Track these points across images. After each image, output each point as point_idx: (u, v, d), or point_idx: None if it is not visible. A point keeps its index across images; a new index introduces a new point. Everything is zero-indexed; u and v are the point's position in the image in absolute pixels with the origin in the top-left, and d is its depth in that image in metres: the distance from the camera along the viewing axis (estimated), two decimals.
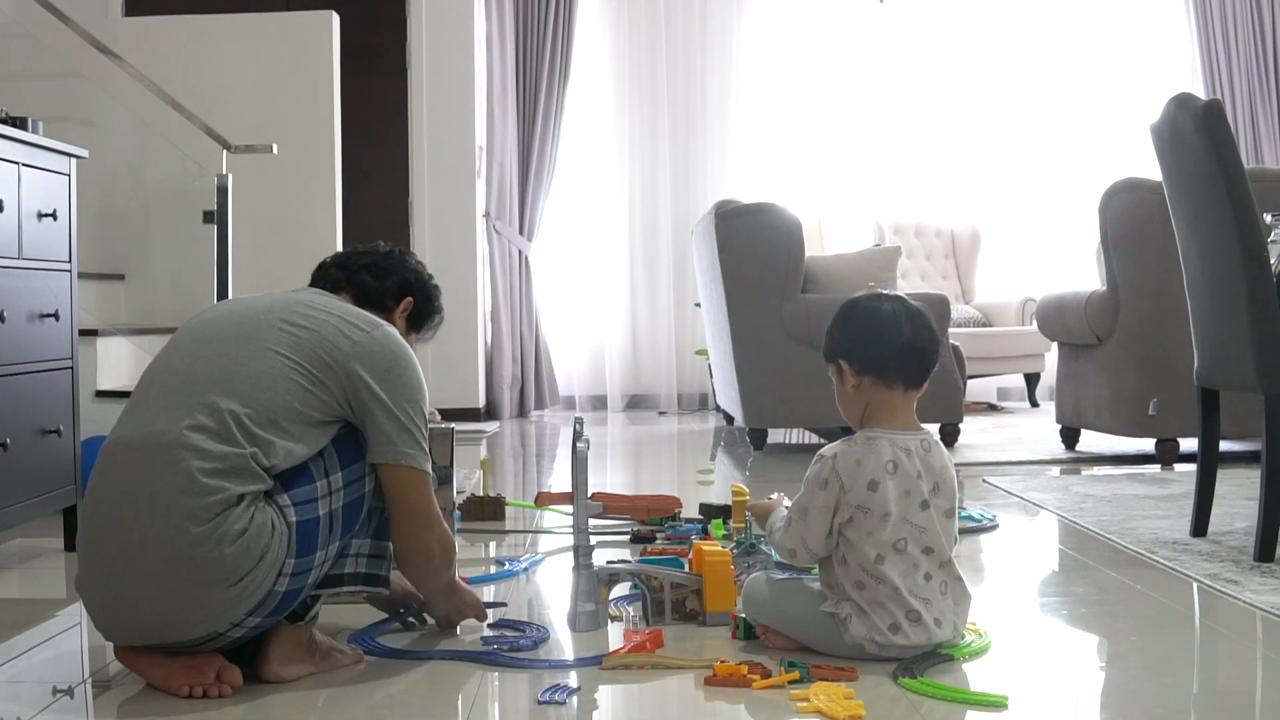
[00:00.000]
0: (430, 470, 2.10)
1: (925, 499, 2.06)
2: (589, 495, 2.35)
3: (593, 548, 2.36)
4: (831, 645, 2.05)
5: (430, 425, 2.58)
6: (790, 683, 1.92)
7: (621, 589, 2.45)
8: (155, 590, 1.86)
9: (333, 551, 1.99)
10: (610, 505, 3.39)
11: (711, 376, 6.90)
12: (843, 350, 2.17)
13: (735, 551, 2.53)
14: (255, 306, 2.10)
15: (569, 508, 3.34)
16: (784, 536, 2.11)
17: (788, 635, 2.11)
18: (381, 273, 2.38)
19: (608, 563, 2.50)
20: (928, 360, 2.13)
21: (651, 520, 3.28)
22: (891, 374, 2.11)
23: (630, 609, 2.42)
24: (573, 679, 2.00)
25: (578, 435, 2.34)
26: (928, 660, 2.02)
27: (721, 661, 1.99)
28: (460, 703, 1.93)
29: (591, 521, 2.51)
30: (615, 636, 2.25)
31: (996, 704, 1.84)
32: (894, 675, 1.95)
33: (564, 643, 2.22)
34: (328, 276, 2.36)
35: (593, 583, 2.30)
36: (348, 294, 2.32)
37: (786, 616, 2.11)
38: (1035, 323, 5.32)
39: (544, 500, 3.60)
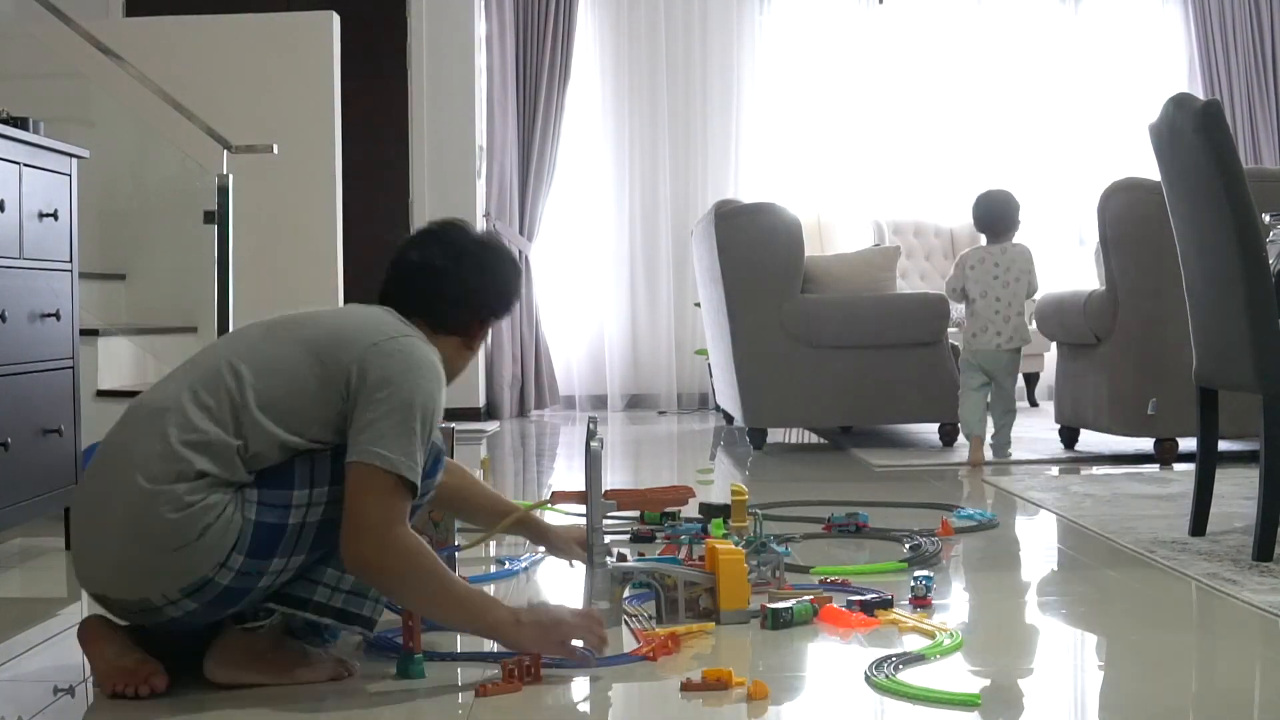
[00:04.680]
0: (403, 476, 1.90)
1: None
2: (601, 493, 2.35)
3: (608, 546, 2.37)
4: None
5: None
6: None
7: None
8: (108, 537, 1.90)
9: (295, 565, 1.93)
10: (624, 502, 3.37)
11: (711, 376, 6.91)
12: None
13: (745, 550, 2.53)
14: (297, 313, 2.11)
15: (579, 506, 3.33)
16: None
17: None
18: (468, 303, 2.20)
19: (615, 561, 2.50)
20: None
21: (650, 519, 3.28)
22: None
23: (642, 608, 2.42)
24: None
25: (591, 434, 2.35)
26: (902, 659, 2.03)
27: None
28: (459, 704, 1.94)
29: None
30: (626, 635, 2.25)
31: (969, 703, 1.84)
32: (865, 674, 1.96)
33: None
34: (397, 298, 2.17)
35: (607, 581, 2.31)
36: (422, 318, 2.15)
37: None
38: (1034, 322, 5.33)
39: (558, 499, 3.59)
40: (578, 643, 2.02)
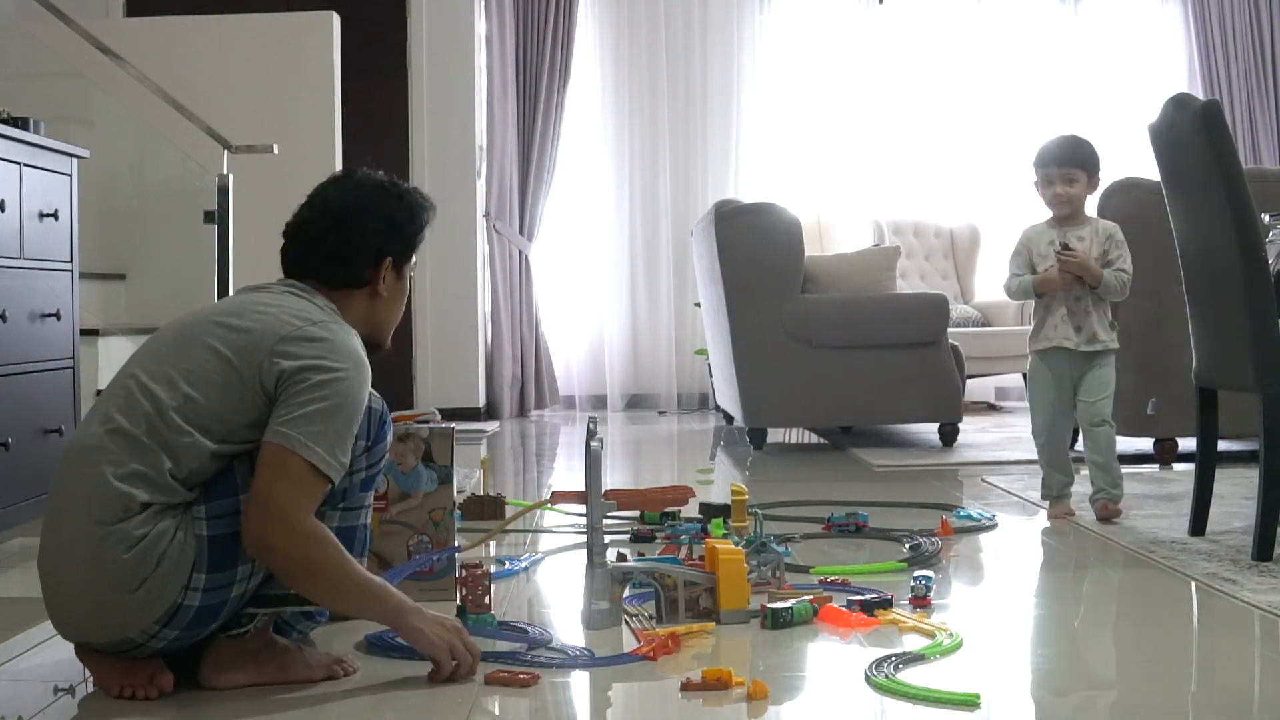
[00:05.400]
0: (316, 465, 1.86)
1: None
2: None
3: (607, 546, 2.37)
4: None
5: (430, 425, 2.59)
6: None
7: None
8: (76, 589, 1.89)
9: (261, 567, 1.91)
10: (624, 502, 3.37)
11: (711, 376, 6.91)
12: None
13: (745, 550, 2.54)
14: (203, 311, 2.04)
15: (579, 506, 3.33)
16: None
17: None
18: (347, 253, 2.11)
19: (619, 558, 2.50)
20: None
21: (650, 519, 3.28)
22: None
23: (642, 607, 2.42)
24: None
25: (591, 434, 2.35)
26: (902, 659, 2.03)
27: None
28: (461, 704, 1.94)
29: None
30: (627, 635, 2.26)
31: (968, 702, 1.84)
32: (864, 674, 1.96)
33: (574, 641, 2.22)
34: (290, 266, 2.16)
35: (607, 581, 2.31)
36: (317, 281, 2.12)
37: None
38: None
39: (558, 499, 3.59)
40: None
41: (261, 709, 1.88)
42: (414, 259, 2.22)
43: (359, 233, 2.12)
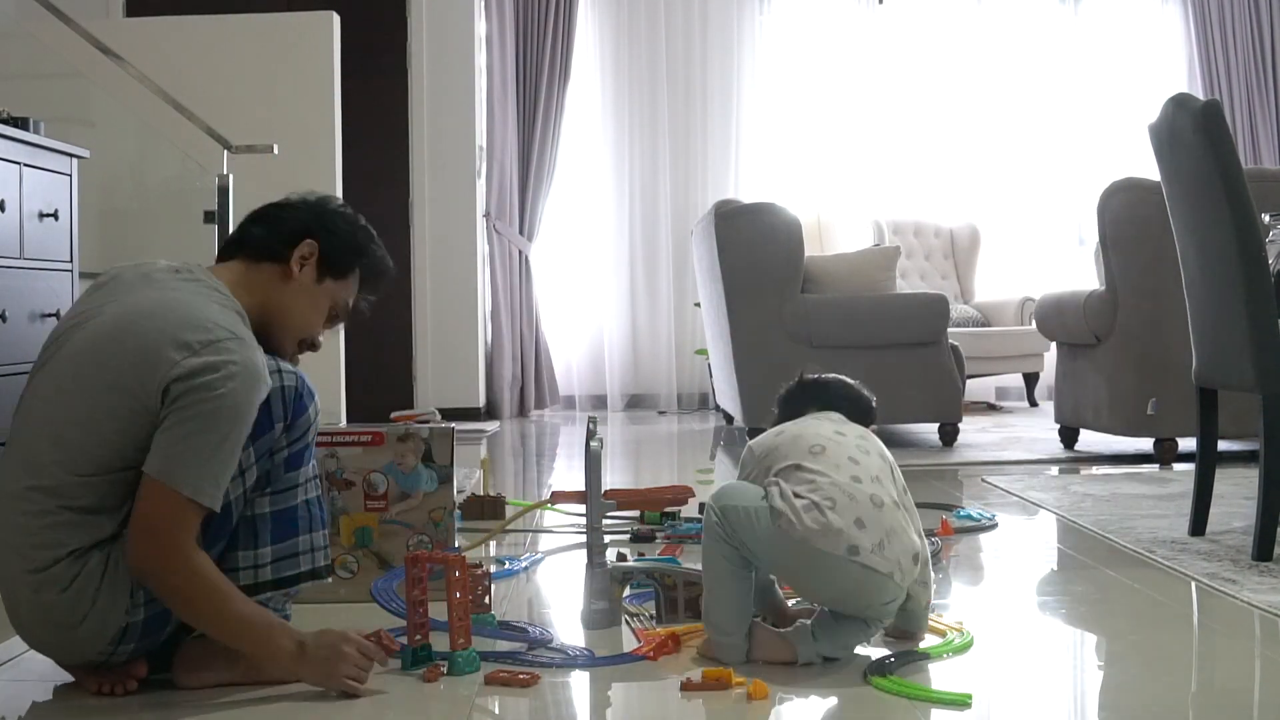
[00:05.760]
0: (197, 501, 1.84)
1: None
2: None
3: (606, 545, 2.37)
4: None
5: (430, 425, 2.59)
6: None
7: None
8: (29, 623, 1.93)
9: None
10: (624, 502, 3.38)
11: (711, 376, 6.91)
12: None
13: None
14: (90, 328, 1.97)
15: (579, 506, 3.34)
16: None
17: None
18: (272, 220, 2.11)
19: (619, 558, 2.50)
20: None
21: (650, 519, 3.28)
22: None
23: (643, 607, 2.41)
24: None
25: (591, 434, 2.35)
26: (904, 658, 2.03)
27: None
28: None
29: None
30: (627, 635, 2.26)
31: (959, 702, 1.83)
32: (864, 673, 1.96)
33: (575, 641, 2.22)
34: (229, 240, 2.14)
35: (606, 580, 2.31)
36: (242, 256, 2.08)
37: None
38: (1034, 322, 5.33)
39: (558, 499, 3.59)
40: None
41: (260, 710, 1.88)
42: (346, 283, 2.12)
43: (293, 210, 2.13)
